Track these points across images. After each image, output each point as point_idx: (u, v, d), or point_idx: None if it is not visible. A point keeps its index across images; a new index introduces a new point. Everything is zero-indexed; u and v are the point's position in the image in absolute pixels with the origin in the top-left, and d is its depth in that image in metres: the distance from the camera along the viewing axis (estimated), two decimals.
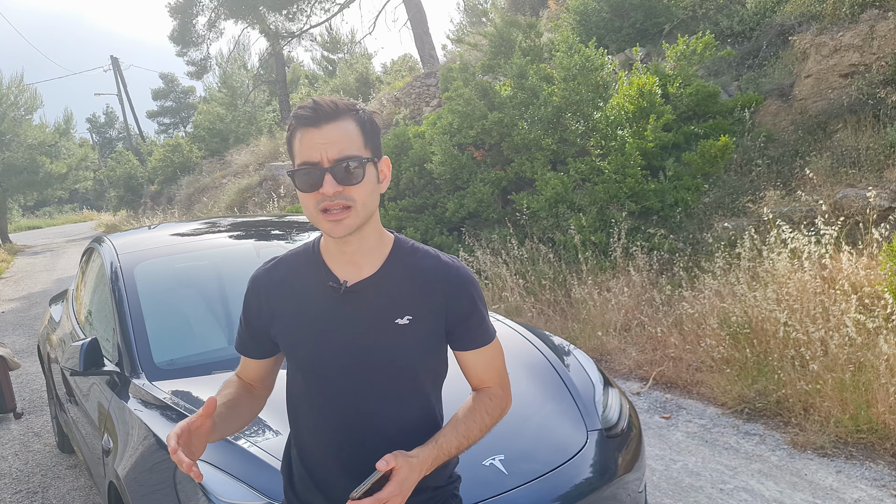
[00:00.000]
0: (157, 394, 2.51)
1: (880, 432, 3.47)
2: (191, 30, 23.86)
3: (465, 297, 1.40)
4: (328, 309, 1.38)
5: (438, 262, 1.42)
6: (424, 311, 1.38)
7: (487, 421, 1.42)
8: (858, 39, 6.48)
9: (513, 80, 7.57)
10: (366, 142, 1.32)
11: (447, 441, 1.35)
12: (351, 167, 1.28)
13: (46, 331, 4.65)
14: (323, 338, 1.38)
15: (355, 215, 1.30)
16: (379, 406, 1.39)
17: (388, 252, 1.41)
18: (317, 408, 1.42)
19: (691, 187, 6.48)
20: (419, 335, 1.38)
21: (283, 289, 1.43)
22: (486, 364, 1.46)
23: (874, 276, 4.36)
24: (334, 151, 1.27)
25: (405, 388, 1.40)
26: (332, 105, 1.29)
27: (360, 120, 1.32)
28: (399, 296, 1.38)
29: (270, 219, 4.18)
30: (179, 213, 19.90)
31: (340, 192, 1.27)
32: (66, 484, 4.08)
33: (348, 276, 1.38)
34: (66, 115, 27.29)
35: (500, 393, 1.47)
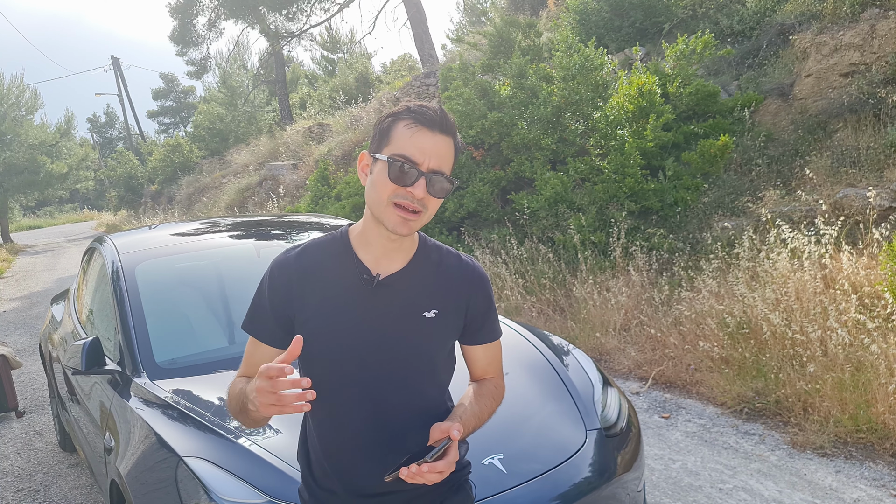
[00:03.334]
0: (158, 393, 2.52)
1: (880, 432, 3.47)
2: (191, 30, 23.86)
3: (484, 294, 1.51)
4: (358, 300, 1.41)
5: (460, 260, 1.51)
6: (448, 305, 1.46)
7: (494, 406, 1.53)
8: (859, 39, 6.48)
9: (512, 79, 7.57)
10: (454, 164, 1.42)
11: (467, 420, 1.42)
12: (442, 182, 1.35)
13: (48, 330, 4.66)
14: (351, 328, 1.41)
15: (420, 222, 1.37)
16: (400, 395, 1.43)
17: (415, 248, 1.47)
18: (339, 396, 1.44)
19: (691, 187, 6.49)
20: (443, 328, 1.46)
21: (312, 277, 1.44)
22: (492, 357, 1.57)
23: (874, 276, 4.36)
24: (435, 162, 1.34)
25: (425, 378, 1.46)
26: (451, 121, 1.38)
27: (456, 146, 1.41)
28: (426, 290, 1.45)
29: (270, 219, 4.19)
30: (179, 212, 19.91)
31: (423, 199, 1.34)
32: (67, 482, 4.09)
33: (379, 269, 1.43)
34: (66, 115, 27.29)
35: (501, 383, 1.60)
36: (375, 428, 1.43)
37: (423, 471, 1.24)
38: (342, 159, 13.33)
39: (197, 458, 2.11)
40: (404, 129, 1.33)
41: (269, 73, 25.12)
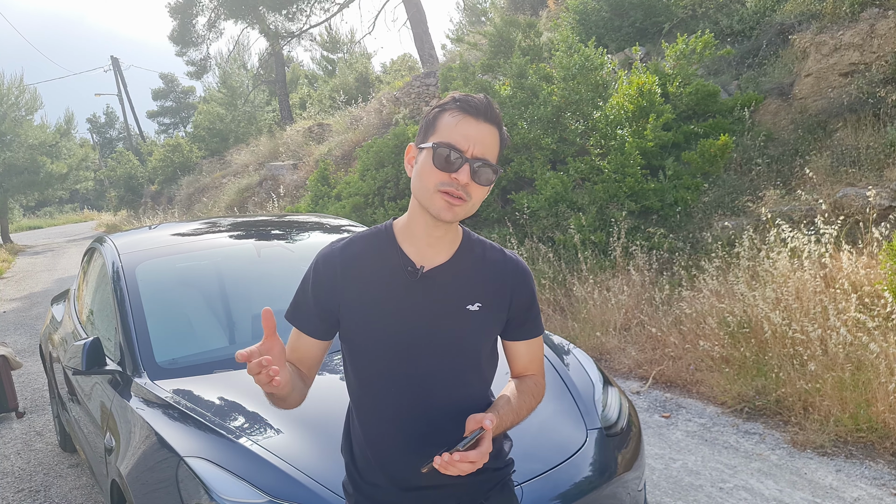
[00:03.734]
0: (159, 393, 2.52)
1: (880, 431, 3.47)
2: (191, 30, 23.86)
3: (527, 290, 1.51)
4: (402, 292, 1.43)
5: (503, 255, 1.52)
6: (492, 299, 1.47)
7: (532, 403, 1.52)
8: (858, 38, 6.48)
9: (512, 79, 7.57)
10: (499, 155, 1.42)
11: (506, 415, 1.43)
12: (487, 169, 1.36)
13: (48, 330, 4.66)
14: (395, 319, 1.42)
15: (465, 209, 1.38)
16: (443, 387, 1.45)
17: (459, 242, 1.48)
18: (382, 386, 1.46)
19: (691, 186, 6.49)
20: (486, 322, 1.46)
21: (357, 268, 1.46)
22: (534, 354, 1.57)
23: (874, 276, 4.37)
24: (480, 150, 1.35)
25: (467, 371, 1.47)
26: (496, 111, 1.39)
27: (502, 136, 1.42)
28: (470, 283, 1.46)
29: (271, 218, 4.19)
30: (179, 212, 19.91)
31: (467, 185, 1.35)
32: (68, 483, 4.09)
33: (423, 262, 1.44)
34: (66, 115, 27.29)
35: (541, 381, 1.59)
36: (418, 419, 1.44)
37: (454, 459, 1.25)
38: (342, 159, 13.33)
39: (198, 457, 2.11)
40: (449, 119, 1.36)
41: (269, 73, 25.13)
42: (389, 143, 8.87)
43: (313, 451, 2.11)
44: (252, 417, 2.33)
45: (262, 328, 1.31)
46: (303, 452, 2.11)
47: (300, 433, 2.21)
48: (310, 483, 2.00)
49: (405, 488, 1.46)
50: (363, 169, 9.19)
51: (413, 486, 1.45)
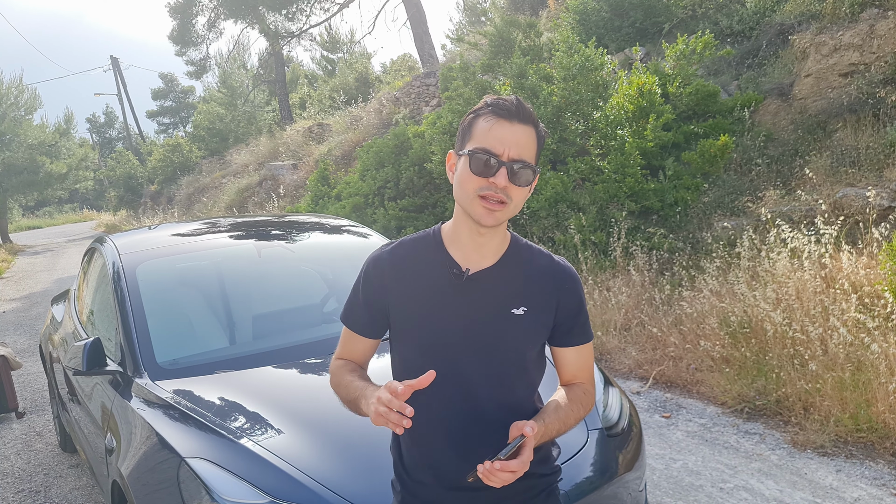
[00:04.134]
0: (159, 393, 2.52)
1: (880, 431, 3.48)
2: (190, 30, 23.86)
3: (575, 295, 1.50)
4: (448, 294, 1.45)
5: (551, 260, 1.52)
6: (538, 304, 1.47)
7: (581, 413, 1.50)
8: (858, 39, 6.49)
9: (512, 79, 7.58)
10: (537, 154, 1.42)
11: (552, 423, 1.42)
12: (525, 170, 1.37)
13: (48, 331, 4.66)
14: (440, 320, 1.45)
15: (506, 212, 1.38)
16: (488, 390, 1.45)
17: (506, 247, 1.49)
18: (429, 387, 1.44)
19: (691, 187, 6.49)
20: (531, 326, 1.46)
21: (404, 270, 1.50)
22: (583, 361, 1.55)
23: (874, 276, 4.37)
24: (515, 151, 1.36)
25: (514, 375, 1.47)
26: (528, 110, 1.39)
27: (538, 134, 1.41)
28: (515, 287, 1.46)
29: (271, 219, 4.19)
30: (179, 212, 19.90)
31: (506, 188, 1.35)
32: (68, 483, 4.09)
33: (469, 265, 1.46)
34: (66, 115, 27.29)
35: (590, 390, 1.56)
36: (464, 420, 1.45)
37: (495, 468, 1.25)
38: (342, 159, 13.34)
39: (199, 458, 2.11)
40: (483, 123, 1.38)
41: (268, 73, 25.13)
42: (389, 144, 8.87)
43: (314, 452, 2.12)
44: (253, 418, 2.34)
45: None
46: (304, 453, 2.12)
47: (301, 433, 2.21)
48: (311, 483, 2.00)
49: (451, 488, 1.47)
50: (363, 169, 9.19)
51: (459, 486, 1.45)
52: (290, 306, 3.31)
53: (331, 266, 3.70)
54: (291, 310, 3.28)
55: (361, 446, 2.15)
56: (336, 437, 2.20)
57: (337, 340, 2.86)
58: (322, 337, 2.96)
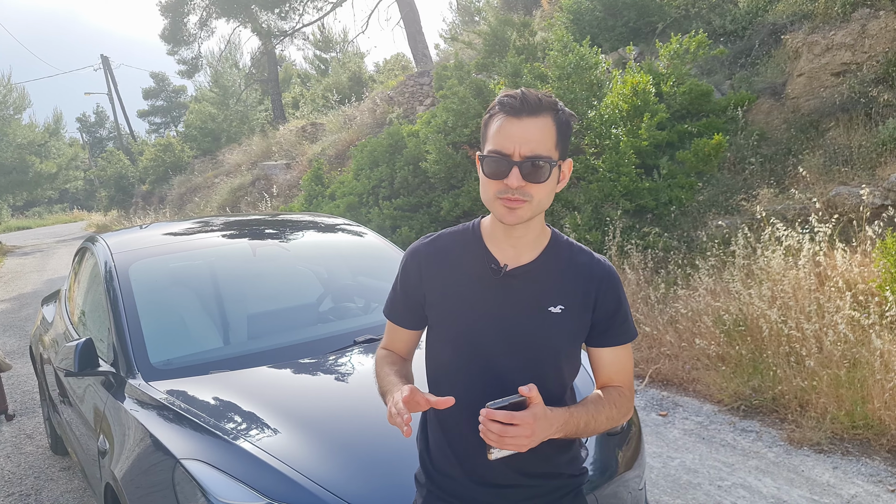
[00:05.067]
0: (153, 394, 2.49)
1: (876, 428, 3.48)
2: (182, 28, 23.75)
3: (614, 294, 1.46)
4: (485, 289, 1.44)
5: (592, 258, 1.48)
6: (576, 302, 1.43)
7: (614, 413, 1.44)
8: (850, 38, 6.51)
9: (507, 78, 7.57)
10: (557, 143, 1.35)
11: (578, 413, 1.37)
12: (539, 166, 1.32)
13: (39, 332, 4.60)
14: (476, 315, 1.43)
15: (529, 209, 1.35)
16: (519, 385, 1.40)
17: (546, 243, 1.46)
18: (461, 381, 1.46)
19: (685, 186, 6.50)
20: (568, 325, 1.43)
21: (441, 263, 1.50)
22: (621, 363, 1.49)
23: (868, 274, 4.38)
24: (527, 148, 1.31)
25: (547, 372, 1.44)
26: (537, 100, 1.33)
27: (558, 120, 1.35)
28: (553, 285, 1.43)
29: (264, 218, 4.16)
30: (171, 212, 19.80)
31: (523, 188, 1.33)
32: (59, 486, 4.04)
33: (507, 261, 1.44)
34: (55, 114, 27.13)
35: (627, 394, 1.49)
36: None
37: (484, 417, 1.23)
38: (336, 159, 13.29)
39: (194, 459, 2.08)
40: (495, 123, 1.35)
41: (261, 72, 25.04)
42: (383, 143, 8.85)
43: (311, 452, 2.09)
44: (248, 418, 2.31)
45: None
46: (300, 453, 2.09)
47: (297, 434, 2.18)
48: (308, 484, 1.98)
49: (478, 483, 1.46)
50: (357, 168, 9.15)
51: (486, 481, 1.44)
52: (285, 306, 3.28)
53: (326, 265, 3.67)
54: (287, 309, 3.25)
55: (358, 446, 2.13)
56: (333, 437, 2.18)
57: (332, 340, 2.87)
58: (317, 336, 2.93)
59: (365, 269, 3.70)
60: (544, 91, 1.43)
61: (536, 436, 1.25)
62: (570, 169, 1.42)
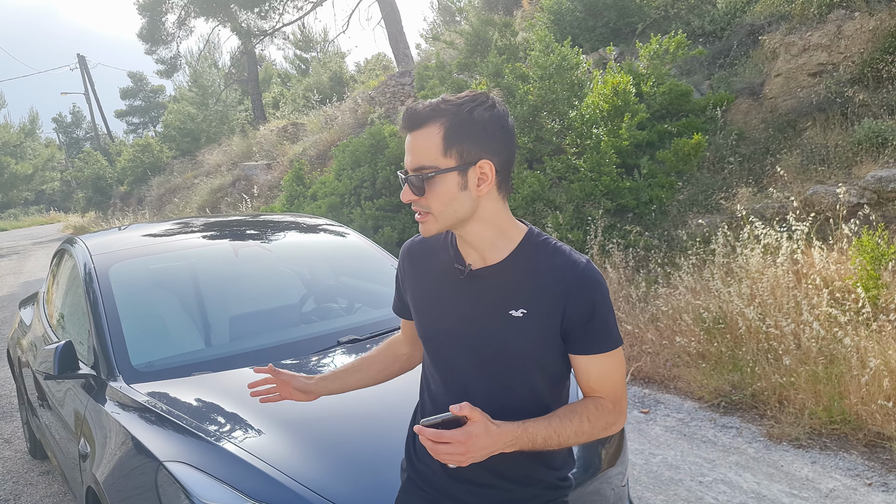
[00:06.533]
0: (135, 396, 2.47)
1: (853, 423, 3.54)
2: (160, 28, 23.49)
3: (586, 299, 1.34)
4: (450, 289, 1.44)
5: (567, 260, 1.37)
6: (541, 306, 1.35)
7: (586, 427, 1.35)
8: (826, 39, 6.62)
9: (489, 78, 7.59)
10: (447, 149, 1.29)
11: (534, 428, 1.31)
12: (424, 179, 1.30)
13: (17, 335, 4.53)
14: (441, 315, 1.45)
15: (434, 221, 1.34)
16: (489, 391, 1.40)
17: (515, 244, 1.40)
18: (436, 379, 1.49)
19: (665, 185, 6.56)
20: (532, 330, 1.35)
21: (420, 261, 1.53)
22: (600, 373, 1.38)
23: (845, 271, 4.46)
24: (413, 161, 1.32)
25: (514, 379, 1.39)
26: (422, 112, 1.30)
27: (451, 124, 1.29)
28: (518, 287, 1.37)
29: (245, 218, 4.13)
30: (150, 214, 19.57)
31: (416, 201, 1.33)
32: (38, 491, 3.99)
33: (474, 262, 1.42)
34: (31, 114, 26.72)
35: (609, 406, 1.38)
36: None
37: (418, 432, 1.25)
38: (317, 159, 13.23)
39: (177, 462, 2.07)
40: None
41: (241, 71, 24.84)
42: (365, 143, 8.82)
43: (296, 453, 2.08)
44: (232, 419, 2.29)
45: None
46: (285, 454, 2.08)
47: (282, 434, 2.17)
48: (292, 484, 1.97)
49: (455, 478, 1.45)
50: (339, 168, 9.12)
51: (462, 478, 1.44)
52: (267, 307, 3.26)
53: (309, 266, 3.66)
54: (269, 310, 3.23)
55: (343, 446, 2.13)
56: (317, 438, 2.17)
57: (315, 341, 2.86)
58: (300, 337, 2.92)
59: (347, 269, 3.69)
60: (469, 91, 1.35)
61: (473, 453, 1.24)
62: (491, 169, 1.31)
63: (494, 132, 1.31)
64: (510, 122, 1.34)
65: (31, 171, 24.88)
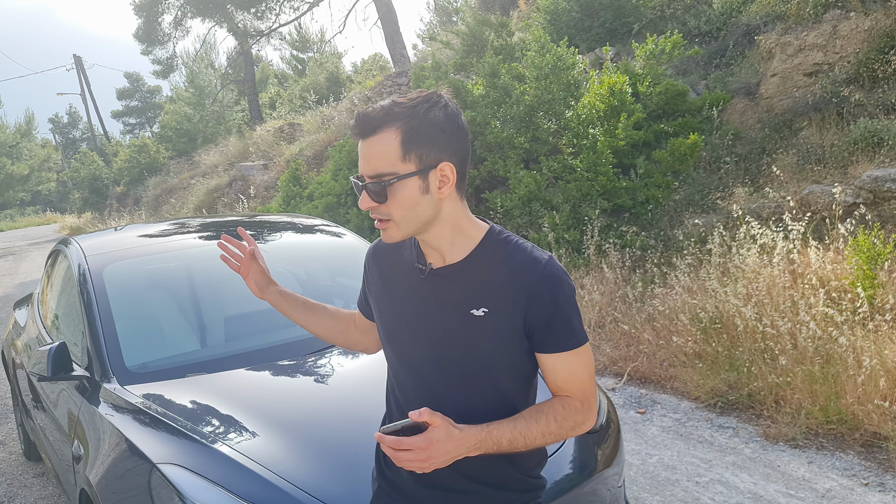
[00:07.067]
0: (129, 398, 2.45)
1: (849, 423, 3.54)
2: (156, 28, 23.44)
3: (548, 297, 1.31)
4: (412, 289, 1.42)
5: (529, 257, 1.35)
6: (502, 305, 1.33)
7: (553, 427, 1.33)
8: (822, 39, 6.63)
9: (485, 78, 7.58)
10: (405, 154, 1.26)
11: (499, 430, 1.30)
12: (382, 186, 1.27)
13: (11, 336, 4.51)
14: (403, 316, 1.43)
15: (396, 228, 1.32)
16: (453, 393, 1.38)
17: (476, 243, 1.38)
18: (400, 383, 1.46)
19: (662, 185, 6.56)
20: (494, 329, 1.33)
21: (382, 261, 1.52)
22: (567, 371, 1.36)
23: (841, 271, 4.46)
24: (369, 168, 1.28)
25: (480, 380, 1.37)
26: (375, 117, 1.26)
27: (408, 128, 1.25)
28: (478, 287, 1.35)
29: (241, 219, 4.12)
30: (146, 214, 19.53)
31: (376, 208, 1.30)
32: (33, 493, 3.97)
33: (435, 261, 1.40)
34: (27, 115, 26.63)
35: (576, 405, 1.37)
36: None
37: (378, 440, 1.24)
38: (314, 159, 13.21)
39: (171, 464, 2.06)
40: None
41: (237, 72, 24.81)
42: None
43: (290, 455, 2.07)
44: (226, 421, 2.28)
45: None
46: (279, 456, 2.07)
47: (276, 436, 2.16)
48: (287, 487, 1.96)
49: (425, 485, 1.42)
50: (335, 169, 9.11)
51: (433, 483, 1.41)
52: (262, 307, 3.23)
53: (305, 266, 3.65)
54: (264, 311, 3.21)
55: (338, 448, 2.12)
56: (312, 439, 2.16)
57: (310, 342, 2.85)
58: (295, 338, 2.91)
59: (344, 269, 3.68)
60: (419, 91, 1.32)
61: (435, 459, 1.23)
62: (452, 171, 1.29)
63: (452, 132, 1.29)
64: (463, 119, 1.33)
65: (27, 172, 24.81)
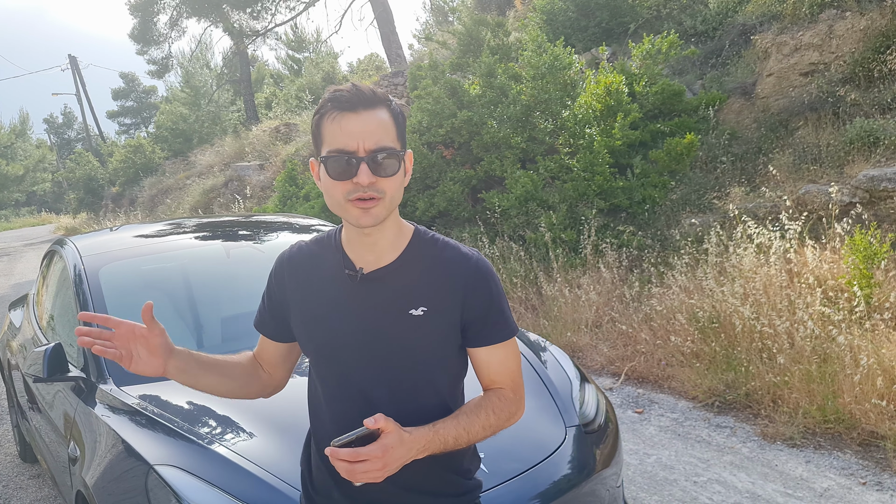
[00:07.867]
0: (125, 399, 2.44)
1: (847, 422, 3.55)
2: (152, 28, 23.37)
3: (484, 290, 1.36)
4: (344, 296, 1.37)
5: (460, 253, 1.38)
6: (440, 303, 1.34)
7: (492, 420, 1.36)
8: (818, 39, 6.64)
9: (481, 78, 7.57)
10: (398, 134, 1.30)
11: (445, 428, 1.31)
12: (386, 159, 1.26)
13: (6, 337, 4.49)
14: (337, 325, 1.37)
15: (383, 207, 1.28)
16: (393, 397, 1.36)
17: (407, 242, 1.38)
18: (332, 396, 1.41)
19: (658, 184, 6.57)
20: (434, 328, 1.35)
21: (302, 271, 1.43)
22: (500, 363, 1.40)
23: (837, 270, 4.47)
24: (371, 141, 1.25)
25: (420, 381, 1.37)
26: (371, 92, 1.27)
27: (393, 111, 1.30)
28: (415, 286, 1.35)
29: (237, 219, 4.11)
30: (142, 214, 19.48)
31: (374, 184, 1.25)
32: (28, 494, 3.95)
33: (366, 265, 1.36)
34: (21, 115, 26.55)
35: (510, 396, 1.40)
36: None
37: (330, 455, 1.19)
38: (310, 159, 13.18)
39: (168, 465, 2.05)
40: (330, 123, 1.27)
41: (233, 72, 24.77)
42: None
43: (287, 455, 2.06)
44: (223, 422, 2.27)
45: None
46: (277, 457, 2.07)
47: (273, 437, 2.15)
48: (284, 488, 1.96)
49: (358, 502, 1.38)
50: None
51: (365, 501, 1.37)
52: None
53: None
54: None
55: None
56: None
57: None
58: None
59: None
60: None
61: (390, 466, 1.22)
62: (411, 161, 1.34)
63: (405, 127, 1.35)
64: None
65: (22, 172, 24.73)
